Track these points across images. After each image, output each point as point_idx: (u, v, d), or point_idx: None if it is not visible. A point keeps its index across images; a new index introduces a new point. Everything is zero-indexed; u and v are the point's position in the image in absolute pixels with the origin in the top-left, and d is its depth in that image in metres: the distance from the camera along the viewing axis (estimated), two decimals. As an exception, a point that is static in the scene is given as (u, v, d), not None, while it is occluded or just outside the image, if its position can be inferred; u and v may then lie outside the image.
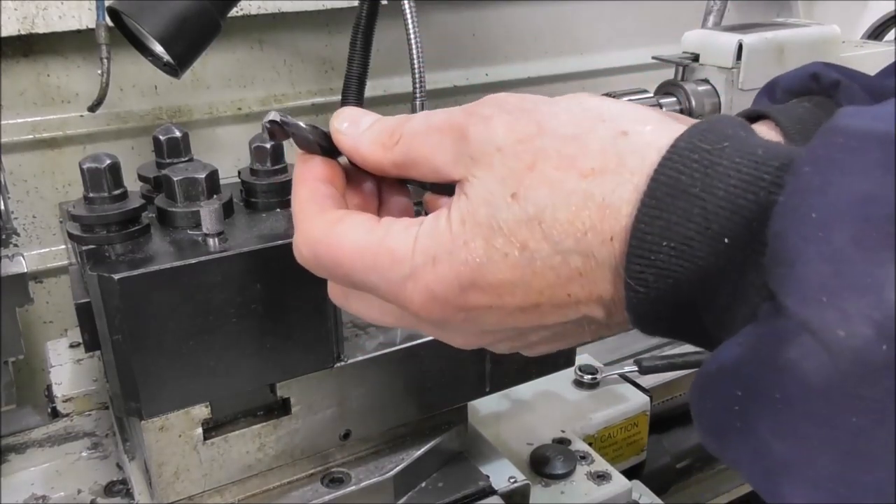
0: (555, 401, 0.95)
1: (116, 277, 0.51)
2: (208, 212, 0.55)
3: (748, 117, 0.59)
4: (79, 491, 0.74)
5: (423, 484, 0.71)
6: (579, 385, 0.99)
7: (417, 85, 1.01)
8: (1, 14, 1.00)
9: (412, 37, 1.00)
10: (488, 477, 0.72)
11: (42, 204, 1.14)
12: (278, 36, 1.24)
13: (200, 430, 0.59)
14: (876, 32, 1.60)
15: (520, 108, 0.39)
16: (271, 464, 0.64)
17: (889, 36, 1.60)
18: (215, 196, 0.59)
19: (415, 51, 1.00)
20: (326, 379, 0.63)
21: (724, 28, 1.22)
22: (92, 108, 1.06)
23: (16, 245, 1.08)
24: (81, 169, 0.56)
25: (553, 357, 0.72)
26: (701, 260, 0.33)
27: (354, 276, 0.41)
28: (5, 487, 0.74)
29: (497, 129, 0.38)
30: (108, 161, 0.56)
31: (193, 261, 0.53)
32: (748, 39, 1.08)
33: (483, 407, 0.90)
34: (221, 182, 0.61)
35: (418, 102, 1.02)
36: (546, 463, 0.82)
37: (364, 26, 1.02)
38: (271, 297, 0.56)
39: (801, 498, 0.29)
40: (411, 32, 1.00)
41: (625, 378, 1.01)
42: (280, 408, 0.62)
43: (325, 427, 0.64)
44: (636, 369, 1.03)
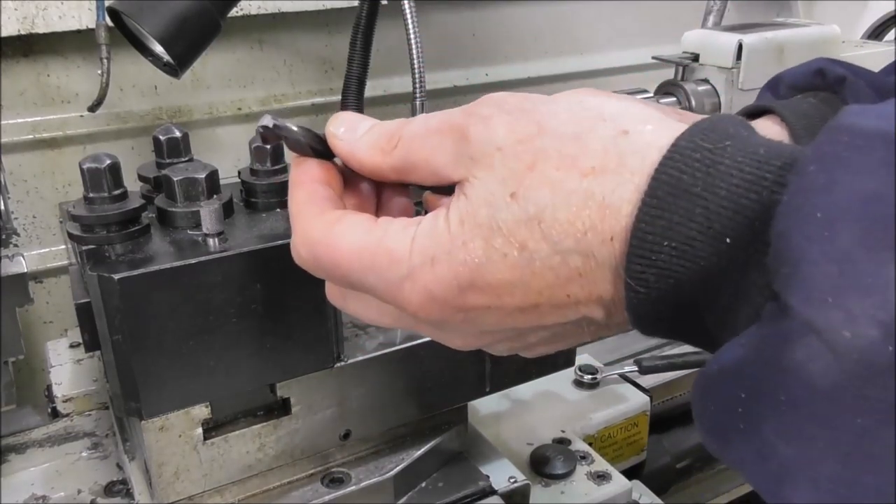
0: (555, 401, 0.95)
1: (116, 277, 0.51)
2: (208, 212, 0.55)
3: (752, 113, 0.59)
4: (79, 491, 0.74)
5: (423, 484, 0.71)
6: (579, 385, 0.99)
7: (417, 85, 1.01)
8: (1, 14, 1.00)
9: (412, 37, 1.00)
10: (488, 477, 0.72)
11: (42, 204, 1.14)
12: (278, 36, 1.24)
13: (200, 430, 0.59)
14: (876, 32, 1.60)
15: (520, 108, 0.38)
16: (271, 464, 0.64)
17: (889, 36, 1.60)
18: (215, 196, 0.59)
19: (415, 51, 1.00)
20: (326, 379, 0.63)
21: (724, 28, 1.22)
22: (92, 108, 1.06)
23: (16, 245, 1.08)
24: (81, 169, 0.56)
25: (553, 357, 0.72)
26: (703, 260, 0.32)
27: (352, 277, 0.41)
28: (5, 487, 0.74)
29: (497, 130, 0.37)
30: (108, 161, 0.56)
31: (193, 261, 0.53)
32: (748, 39, 1.08)
33: (483, 407, 0.90)
34: (221, 182, 0.61)
35: (418, 102, 1.02)
36: (546, 463, 0.82)
37: (364, 26, 1.02)
38: (271, 297, 0.56)
39: (805, 499, 0.29)
40: (411, 32, 1.00)
41: (625, 378, 1.01)
42: (280, 408, 0.62)
43: (325, 427, 0.64)
44: (636, 369, 1.03)
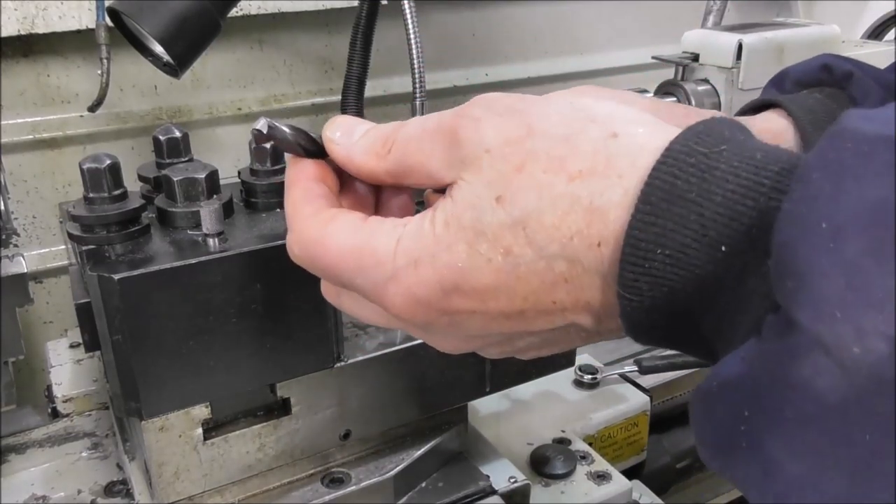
0: (555, 401, 0.95)
1: (116, 277, 0.51)
2: (208, 212, 0.55)
3: (757, 107, 0.58)
4: (79, 491, 0.74)
5: (423, 484, 0.71)
6: (579, 385, 0.98)
7: (417, 85, 1.01)
8: (1, 14, 1.00)
9: (412, 37, 1.00)
10: (488, 477, 0.72)
11: (42, 204, 1.14)
12: (278, 36, 1.24)
13: (200, 431, 0.59)
14: (876, 32, 1.60)
15: (510, 109, 0.38)
16: (271, 464, 0.64)
17: (889, 36, 1.60)
18: (215, 196, 0.59)
19: (415, 51, 1.00)
20: (326, 379, 0.62)
21: (724, 28, 1.22)
22: (92, 109, 1.06)
23: (16, 245, 1.08)
24: (81, 169, 0.56)
25: (553, 357, 0.72)
26: (697, 268, 0.31)
27: (343, 277, 0.41)
28: (5, 487, 0.74)
29: (486, 131, 0.37)
30: (108, 161, 0.56)
31: (193, 261, 0.53)
32: (748, 39, 1.08)
33: (483, 407, 0.90)
34: (221, 182, 0.61)
35: (418, 102, 1.02)
36: (546, 463, 0.82)
37: (364, 26, 1.02)
38: (271, 297, 0.56)
39: None
40: (411, 32, 1.00)
41: (625, 378, 1.01)
42: (280, 408, 0.62)
43: (325, 427, 0.64)
44: (636, 369, 1.03)
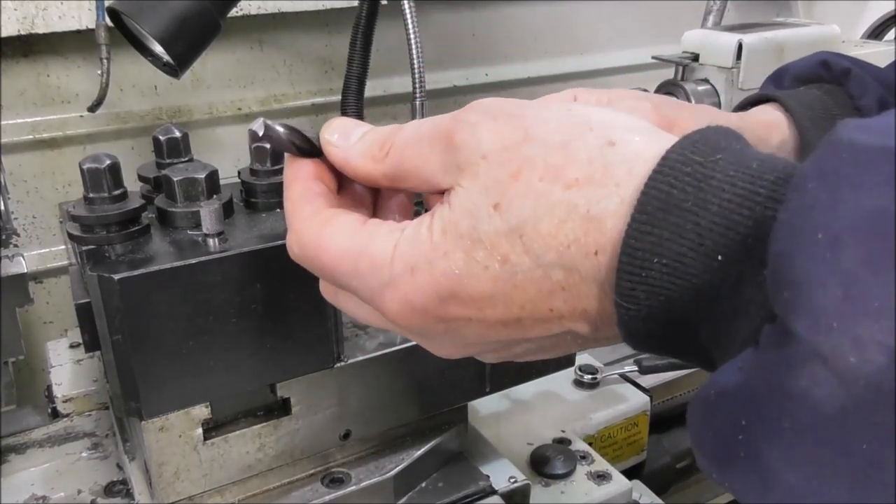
0: (555, 401, 0.95)
1: (116, 277, 0.51)
2: (208, 212, 0.55)
3: (755, 101, 0.59)
4: (79, 491, 0.74)
5: (423, 484, 0.71)
6: (579, 385, 0.98)
7: (417, 85, 1.01)
8: (1, 14, 1.00)
9: (412, 37, 1.00)
10: (488, 477, 0.72)
11: (42, 204, 1.14)
12: (278, 36, 1.24)
13: (200, 431, 0.59)
14: (876, 32, 1.60)
15: (507, 113, 0.37)
16: (271, 464, 0.64)
17: (889, 36, 1.60)
18: (215, 196, 0.59)
19: (415, 51, 1.00)
20: (326, 379, 0.62)
21: (724, 28, 1.22)
22: (92, 109, 1.06)
23: (16, 245, 1.08)
24: (81, 169, 0.56)
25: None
26: (694, 277, 0.31)
27: (340, 279, 0.41)
28: (5, 488, 0.74)
29: (483, 136, 0.37)
30: (108, 161, 0.56)
31: (193, 261, 0.53)
32: (748, 39, 1.08)
33: (483, 407, 0.90)
34: (221, 182, 0.61)
35: (418, 102, 1.02)
36: (546, 463, 0.82)
37: (364, 26, 1.02)
38: (271, 297, 0.56)
39: None
40: (411, 32, 1.00)
41: (625, 378, 1.01)
42: (280, 408, 0.62)
43: (325, 427, 0.64)
44: (636, 369, 1.03)
